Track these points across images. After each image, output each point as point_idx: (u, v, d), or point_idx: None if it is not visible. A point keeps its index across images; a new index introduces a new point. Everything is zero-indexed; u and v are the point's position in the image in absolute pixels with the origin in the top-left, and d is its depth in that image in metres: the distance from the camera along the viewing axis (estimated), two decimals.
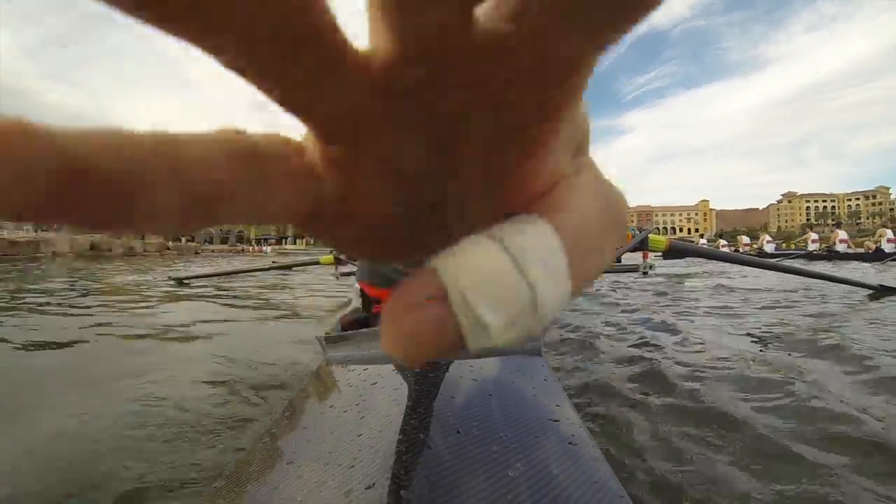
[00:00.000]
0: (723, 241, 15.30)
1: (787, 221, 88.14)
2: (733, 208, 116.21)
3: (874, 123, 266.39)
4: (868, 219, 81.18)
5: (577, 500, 0.35)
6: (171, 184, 0.08)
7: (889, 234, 9.61)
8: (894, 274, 5.07)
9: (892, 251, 8.86)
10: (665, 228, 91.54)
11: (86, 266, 7.95)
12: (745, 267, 2.94)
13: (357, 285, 0.98)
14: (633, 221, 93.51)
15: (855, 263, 8.21)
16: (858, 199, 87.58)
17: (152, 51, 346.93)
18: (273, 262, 6.24)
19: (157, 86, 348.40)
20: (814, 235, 11.41)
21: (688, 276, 4.87)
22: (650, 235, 1.77)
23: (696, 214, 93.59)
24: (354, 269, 3.39)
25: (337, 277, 3.43)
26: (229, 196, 0.08)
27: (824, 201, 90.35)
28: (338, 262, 3.32)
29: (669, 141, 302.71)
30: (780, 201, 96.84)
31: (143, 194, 0.07)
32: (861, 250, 9.98)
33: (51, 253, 10.77)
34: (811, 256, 10.20)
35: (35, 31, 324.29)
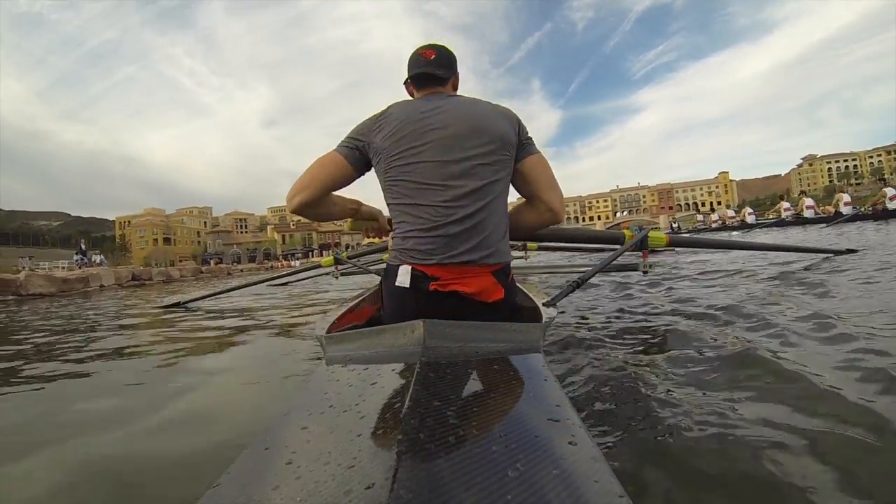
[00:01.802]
0: (714, 216, 17.90)
1: (809, 185, 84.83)
2: (754, 177, 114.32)
3: (890, 76, 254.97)
4: (892, 174, 75.23)
5: (577, 500, 0.35)
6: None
7: (846, 198, 10.85)
8: (851, 234, 6.10)
9: (847, 213, 10.26)
10: (686, 204, 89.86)
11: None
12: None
13: (405, 266, 1.01)
14: (654, 201, 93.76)
15: (822, 225, 9.68)
16: (880, 155, 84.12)
17: (161, 81, 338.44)
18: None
19: (170, 114, 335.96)
20: (786, 204, 12.85)
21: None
22: (650, 233, 1.76)
23: (717, 187, 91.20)
24: (354, 268, 3.43)
25: (336, 277, 3.44)
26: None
27: (846, 161, 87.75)
28: (338, 262, 3.33)
29: (684, 115, 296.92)
30: (800, 165, 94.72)
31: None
32: (824, 214, 11.33)
33: (99, 286, 11.60)
34: (785, 223, 11.88)
35: (42, 74, 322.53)
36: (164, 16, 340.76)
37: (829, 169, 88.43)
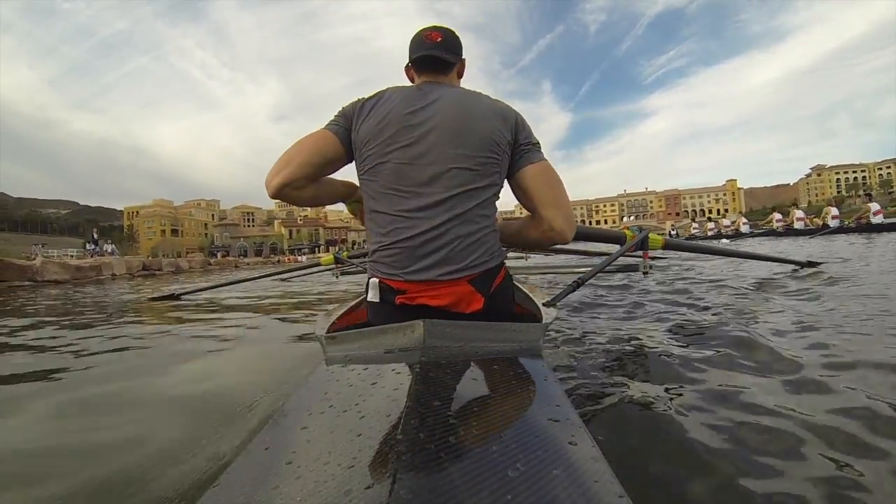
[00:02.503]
0: (710, 225, 18.59)
1: (816, 196, 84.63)
2: (763, 185, 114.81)
3: None
4: None
5: (577, 500, 0.35)
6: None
7: (834, 211, 11.31)
8: (837, 246, 6.23)
9: (835, 226, 10.74)
10: (693, 211, 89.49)
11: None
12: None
13: (374, 279, 0.96)
14: (661, 207, 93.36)
15: (808, 237, 10.27)
16: (889, 167, 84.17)
17: (173, 73, 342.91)
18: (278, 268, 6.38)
19: (181, 106, 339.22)
20: (777, 216, 13.36)
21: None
22: (649, 235, 1.77)
23: (725, 194, 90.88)
24: (354, 268, 3.43)
25: (336, 276, 3.43)
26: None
27: (854, 172, 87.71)
28: (338, 261, 3.30)
29: (694, 121, 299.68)
30: (808, 175, 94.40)
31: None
32: (813, 226, 11.78)
33: (111, 275, 12.01)
34: (776, 234, 12.59)
35: (54, 63, 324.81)
36: (176, 7, 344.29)
37: (838, 180, 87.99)
